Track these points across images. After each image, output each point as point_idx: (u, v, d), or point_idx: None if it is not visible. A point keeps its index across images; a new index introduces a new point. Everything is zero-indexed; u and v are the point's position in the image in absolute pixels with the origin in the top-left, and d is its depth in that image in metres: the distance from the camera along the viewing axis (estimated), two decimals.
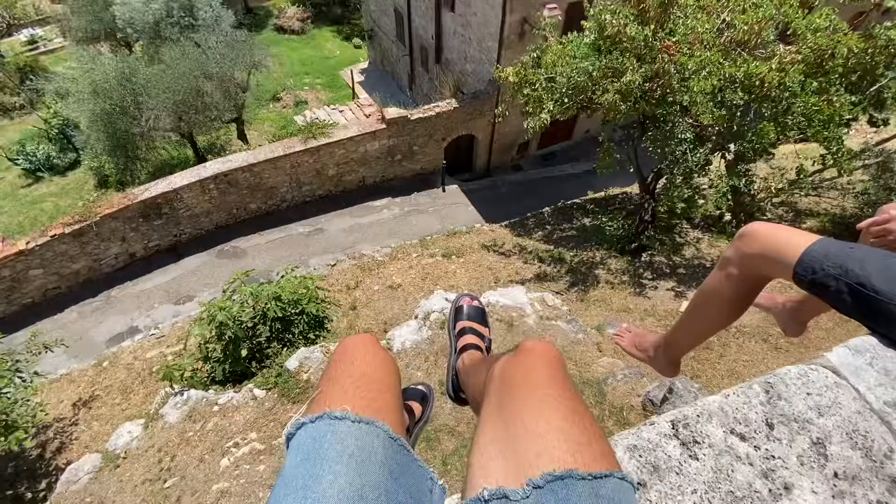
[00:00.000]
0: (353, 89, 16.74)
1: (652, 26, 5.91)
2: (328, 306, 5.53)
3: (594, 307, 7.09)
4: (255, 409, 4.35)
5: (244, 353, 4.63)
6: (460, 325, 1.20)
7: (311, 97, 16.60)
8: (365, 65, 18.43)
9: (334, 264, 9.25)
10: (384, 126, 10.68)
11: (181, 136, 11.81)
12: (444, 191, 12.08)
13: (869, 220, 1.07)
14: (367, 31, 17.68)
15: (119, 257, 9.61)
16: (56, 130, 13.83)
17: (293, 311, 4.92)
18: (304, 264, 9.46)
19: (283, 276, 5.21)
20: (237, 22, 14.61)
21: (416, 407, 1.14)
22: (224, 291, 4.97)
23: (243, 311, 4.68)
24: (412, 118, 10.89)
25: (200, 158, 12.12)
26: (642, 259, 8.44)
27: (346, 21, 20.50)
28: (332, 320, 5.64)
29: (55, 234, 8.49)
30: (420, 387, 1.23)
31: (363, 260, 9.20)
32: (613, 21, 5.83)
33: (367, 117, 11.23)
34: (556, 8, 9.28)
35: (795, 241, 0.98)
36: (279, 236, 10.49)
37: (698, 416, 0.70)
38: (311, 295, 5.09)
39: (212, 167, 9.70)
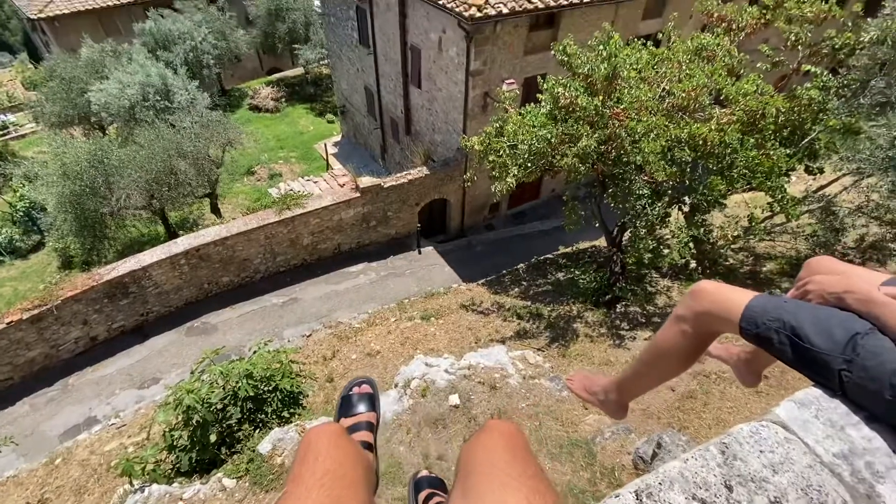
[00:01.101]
0: (327, 161, 17.28)
1: (601, 97, 6.48)
2: (303, 380, 5.31)
3: (576, 362, 7.05)
4: (225, 501, 4.00)
5: (213, 438, 4.33)
6: (423, 494, 1.19)
7: (285, 170, 17.01)
8: (338, 138, 19.20)
9: (310, 334, 9.01)
10: (358, 194, 10.95)
11: (153, 213, 11.76)
12: (419, 253, 12.22)
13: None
14: (339, 108, 18.62)
15: (79, 341, 9.11)
16: (21, 213, 13.58)
17: (266, 388, 4.70)
18: (278, 337, 9.18)
19: (255, 352, 5.03)
20: (212, 103, 15.21)
21: (372, 416, 1.10)
22: (192, 372, 4.74)
23: (212, 392, 4.44)
24: (385, 186, 11.24)
25: (172, 234, 12.02)
26: (617, 310, 8.58)
27: (319, 99, 21.61)
28: (307, 395, 5.40)
29: (11, 321, 8.05)
30: (364, 385, 1.17)
31: (340, 328, 9.01)
32: (565, 93, 6.38)
33: (342, 187, 11.52)
34: (513, 82, 10.09)
35: (737, 298, 1.06)
36: (252, 309, 10.23)
37: (660, 483, 0.71)
38: (284, 370, 4.90)
39: (183, 242, 9.60)
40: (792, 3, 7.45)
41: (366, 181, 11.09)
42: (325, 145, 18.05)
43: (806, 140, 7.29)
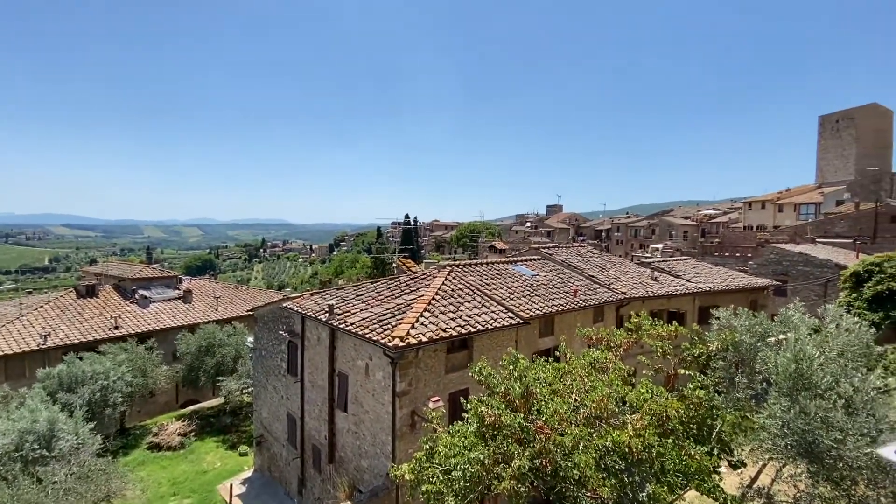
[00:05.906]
0: None
1: (522, 412, 6.81)
2: None
3: None
4: None
5: None
6: None
7: None
8: (249, 473, 16.89)
9: None
10: None
11: None
12: None
13: None
14: (255, 438, 17.22)
15: None
16: None
17: None
18: None
19: None
20: (103, 446, 13.35)
21: None
22: None
23: None
24: None
25: None
26: None
27: (235, 429, 20.08)
28: None
29: None
30: None
31: None
32: (489, 412, 6.65)
33: None
34: (438, 400, 10.46)
35: None
36: None
37: None
38: None
39: None
40: (647, 325, 9.50)
41: None
42: (231, 485, 15.54)
43: (714, 433, 7.81)
